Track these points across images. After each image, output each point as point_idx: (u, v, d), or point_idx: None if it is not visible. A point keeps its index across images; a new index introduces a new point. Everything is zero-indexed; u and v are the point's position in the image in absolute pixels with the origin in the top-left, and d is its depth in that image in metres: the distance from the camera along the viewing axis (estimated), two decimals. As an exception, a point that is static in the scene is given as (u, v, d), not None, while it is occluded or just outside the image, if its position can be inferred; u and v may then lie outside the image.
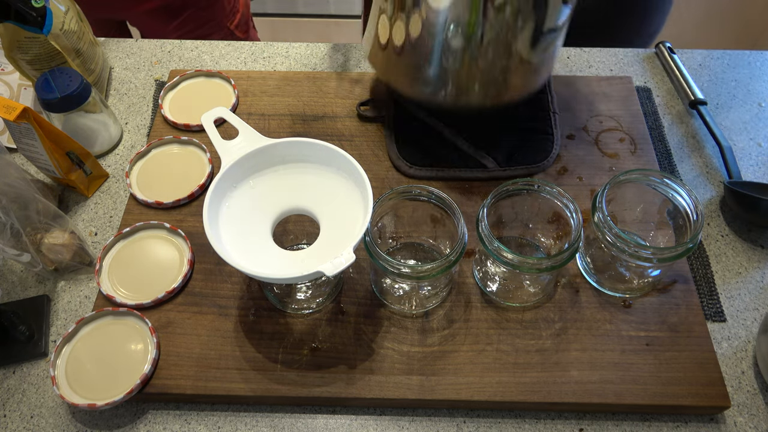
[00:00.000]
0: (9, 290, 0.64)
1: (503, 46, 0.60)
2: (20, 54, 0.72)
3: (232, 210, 0.57)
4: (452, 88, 0.64)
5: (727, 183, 0.67)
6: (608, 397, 0.55)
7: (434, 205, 0.58)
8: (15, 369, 0.59)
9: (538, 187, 0.58)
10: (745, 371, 0.59)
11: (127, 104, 0.81)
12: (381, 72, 0.71)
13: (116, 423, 0.56)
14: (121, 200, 0.71)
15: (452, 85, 0.64)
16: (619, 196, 0.61)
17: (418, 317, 0.60)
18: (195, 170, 0.71)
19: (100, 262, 0.63)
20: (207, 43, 0.88)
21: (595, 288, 0.62)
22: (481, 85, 0.64)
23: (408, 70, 0.66)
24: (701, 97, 0.77)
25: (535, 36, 0.60)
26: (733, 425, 0.56)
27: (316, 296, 0.62)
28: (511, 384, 0.56)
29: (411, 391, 0.56)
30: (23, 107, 0.60)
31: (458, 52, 0.60)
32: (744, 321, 0.61)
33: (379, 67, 0.70)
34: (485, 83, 0.64)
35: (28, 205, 0.61)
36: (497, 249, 0.54)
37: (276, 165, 0.60)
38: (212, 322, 0.60)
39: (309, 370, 0.57)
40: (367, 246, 0.54)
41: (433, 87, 0.65)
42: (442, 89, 0.65)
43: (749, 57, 0.85)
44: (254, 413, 0.57)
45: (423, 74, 0.64)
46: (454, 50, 0.60)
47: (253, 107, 0.78)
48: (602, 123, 0.75)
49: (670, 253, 0.53)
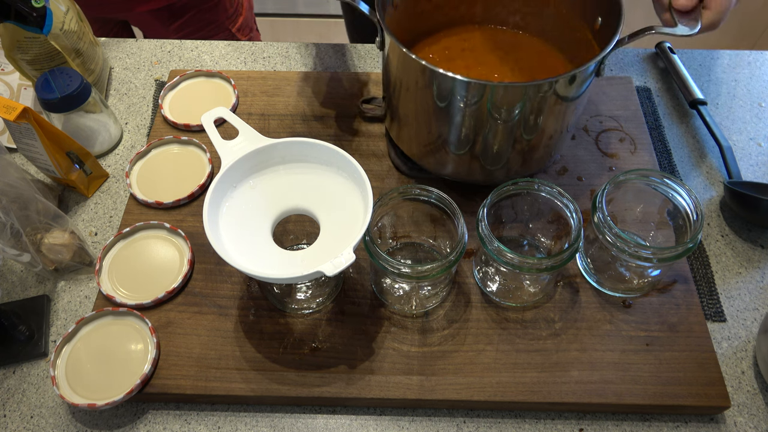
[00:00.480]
0: (9, 290, 0.64)
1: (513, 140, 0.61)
2: (20, 54, 0.72)
3: (232, 210, 0.57)
4: (470, 169, 0.65)
5: (727, 183, 0.67)
6: (608, 397, 0.55)
7: (434, 205, 0.58)
8: (15, 369, 0.59)
9: (538, 187, 0.58)
10: (745, 371, 0.59)
11: (127, 104, 0.81)
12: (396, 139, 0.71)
13: (116, 423, 0.56)
14: (121, 200, 0.71)
15: (470, 166, 0.65)
16: (619, 196, 0.61)
17: (418, 317, 0.60)
18: (195, 170, 0.71)
19: (100, 262, 0.63)
20: (207, 43, 0.88)
21: (595, 288, 0.62)
22: (495, 169, 0.65)
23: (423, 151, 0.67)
24: (701, 97, 0.77)
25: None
26: (733, 425, 0.56)
27: (316, 296, 0.62)
28: (511, 384, 0.56)
29: (411, 391, 0.56)
30: (23, 107, 0.60)
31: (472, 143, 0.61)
32: (744, 321, 0.61)
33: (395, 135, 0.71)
34: (500, 167, 0.65)
35: (28, 205, 0.61)
36: (497, 249, 0.54)
37: (276, 165, 0.60)
38: (212, 322, 0.60)
39: (309, 370, 0.57)
40: (367, 246, 0.54)
41: (449, 167, 0.66)
42: (458, 169, 0.66)
43: (749, 57, 0.85)
44: (254, 413, 0.57)
45: (438, 156, 0.65)
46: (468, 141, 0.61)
47: (253, 107, 0.78)
48: (602, 123, 0.75)
49: (670, 253, 0.53)
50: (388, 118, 0.70)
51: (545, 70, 0.70)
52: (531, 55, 0.72)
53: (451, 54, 0.71)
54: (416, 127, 0.64)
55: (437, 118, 0.60)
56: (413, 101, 0.61)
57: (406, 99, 0.62)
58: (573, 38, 0.69)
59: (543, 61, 0.71)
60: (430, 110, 0.60)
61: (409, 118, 0.64)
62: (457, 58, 0.71)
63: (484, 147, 0.61)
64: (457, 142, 0.61)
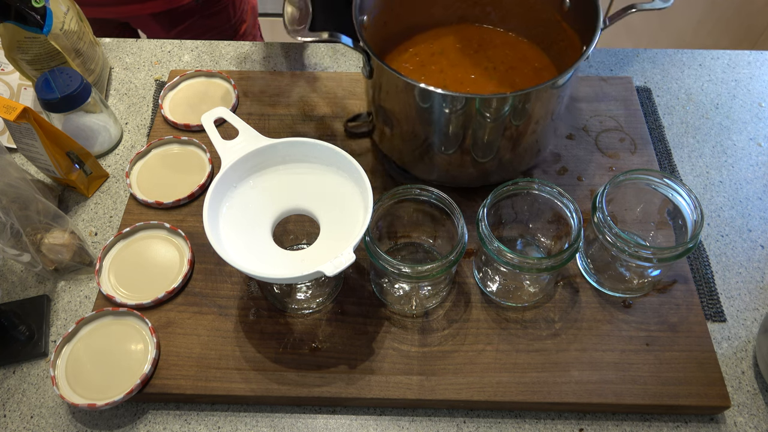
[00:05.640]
0: (9, 290, 0.64)
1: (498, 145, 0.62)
2: (20, 54, 0.72)
3: (232, 210, 0.57)
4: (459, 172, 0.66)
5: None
6: (608, 397, 0.55)
7: (434, 205, 0.58)
8: (15, 369, 0.59)
9: (538, 187, 0.58)
10: (745, 371, 0.59)
11: (127, 104, 0.81)
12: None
13: (116, 423, 0.56)
14: (121, 200, 0.71)
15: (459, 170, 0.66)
16: (619, 196, 0.61)
17: (418, 317, 0.60)
18: (195, 170, 0.71)
19: (100, 262, 0.63)
20: (207, 43, 0.88)
21: (595, 288, 0.62)
22: (479, 171, 0.65)
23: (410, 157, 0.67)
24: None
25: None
26: (733, 425, 0.56)
27: (316, 296, 0.61)
28: (511, 384, 0.56)
29: (411, 391, 0.56)
30: (23, 107, 0.60)
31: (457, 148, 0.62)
32: (744, 321, 0.61)
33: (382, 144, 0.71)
34: (490, 159, 0.65)
35: (28, 205, 0.61)
36: (497, 249, 0.54)
37: (276, 165, 0.60)
38: (212, 322, 0.60)
39: (309, 370, 0.57)
40: (367, 246, 0.54)
41: (435, 173, 0.67)
42: (444, 173, 0.66)
43: (749, 57, 0.85)
44: (254, 413, 0.57)
45: (423, 162, 0.66)
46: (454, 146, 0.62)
47: (253, 107, 0.78)
48: (602, 123, 0.75)
49: (670, 253, 0.53)
50: (377, 132, 0.69)
51: (520, 61, 0.70)
52: (503, 49, 0.72)
53: (422, 60, 0.71)
54: (402, 135, 0.64)
55: (422, 124, 0.60)
56: (397, 113, 0.62)
57: (391, 112, 0.63)
58: (541, 23, 0.68)
59: (516, 53, 0.71)
60: (414, 118, 0.60)
61: (396, 128, 0.64)
62: (429, 63, 0.71)
63: (474, 145, 0.61)
64: (443, 145, 0.62)
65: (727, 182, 0.72)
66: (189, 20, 1.01)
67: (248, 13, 1.10)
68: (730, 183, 0.72)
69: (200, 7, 0.99)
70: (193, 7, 0.99)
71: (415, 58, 0.71)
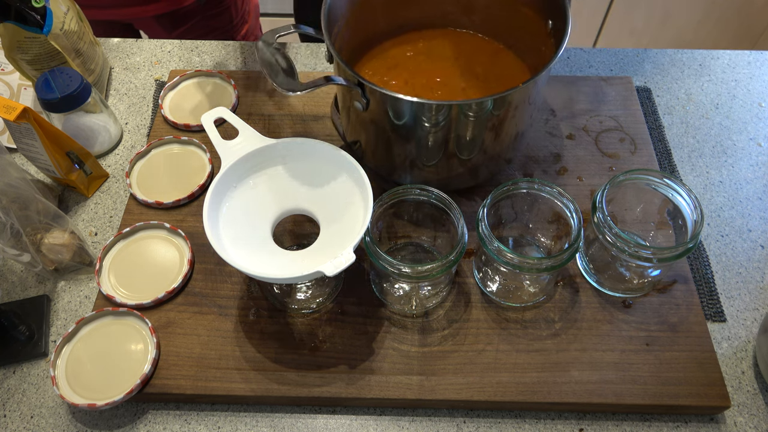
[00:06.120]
0: (9, 290, 0.64)
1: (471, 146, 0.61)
2: (20, 54, 0.72)
3: (232, 210, 0.57)
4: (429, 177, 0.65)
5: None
6: (608, 397, 0.55)
7: (434, 205, 0.58)
8: (15, 369, 0.59)
9: (538, 187, 0.58)
10: (745, 371, 0.59)
11: (127, 104, 0.81)
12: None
13: (116, 423, 0.56)
14: (121, 200, 0.71)
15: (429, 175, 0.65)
16: (619, 196, 0.61)
17: (418, 317, 0.60)
18: (195, 170, 0.71)
19: (100, 262, 0.63)
20: (207, 43, 0.88)
21: (595, 288, 0.62)
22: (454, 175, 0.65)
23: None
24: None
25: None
26: (733, 425, 0.56)
27: (316, 296, 0.62)
28: (511, 384, 0.56)
29: (411, 391, 0.56)
30: (23, 107, 0.60)
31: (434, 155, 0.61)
32: (744, 321, 0.61)
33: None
34: (460, 173, 0.64)
35: (28, 205, 0.61)
36: (497, 249, 0.54)
37: (276, 165, 0.60)
38: (212, 322, 0.60)
39: (309, 370, 0.57)
40: (367, 246, 0.54)
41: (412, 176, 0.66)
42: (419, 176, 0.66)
43: (749, 57, 0.85)
44: (254, 413, 0.57)
45: (403, 168, 0.65)
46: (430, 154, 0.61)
47: (253, 107, 0.78)
48: (602, 123, 0.75)
49: (670, 253, 0.53)
50: (366, 157, 0.68)
51: (475, 51, 0.71)
52: (470, 48, 0.72)
53: (396, 61, 0.71)
54: (377, 145, 0.63)
55: (406, 139, 0.60)
56: (368, 123, 0.61)
57: (362, 123, 0.62)
58: (501, 16, 0.69)
59: (482, 49, 0.72)
60: (385, 123, 0.60)
61: (371, 138, 0.63)
62: (398, 66, 0.71)
63: (458, 145, 0.60)
64: (425, 156, 0.61)
65: (727, 182, 0.72)
66: (191, 21, 1.00)
67: (250, 14, 1.09)
68: (730, 183, 0.72)
69: (203, 8, 0.99)
70: (196, 8, 0.99)
71: (386, 61, 0.71)
